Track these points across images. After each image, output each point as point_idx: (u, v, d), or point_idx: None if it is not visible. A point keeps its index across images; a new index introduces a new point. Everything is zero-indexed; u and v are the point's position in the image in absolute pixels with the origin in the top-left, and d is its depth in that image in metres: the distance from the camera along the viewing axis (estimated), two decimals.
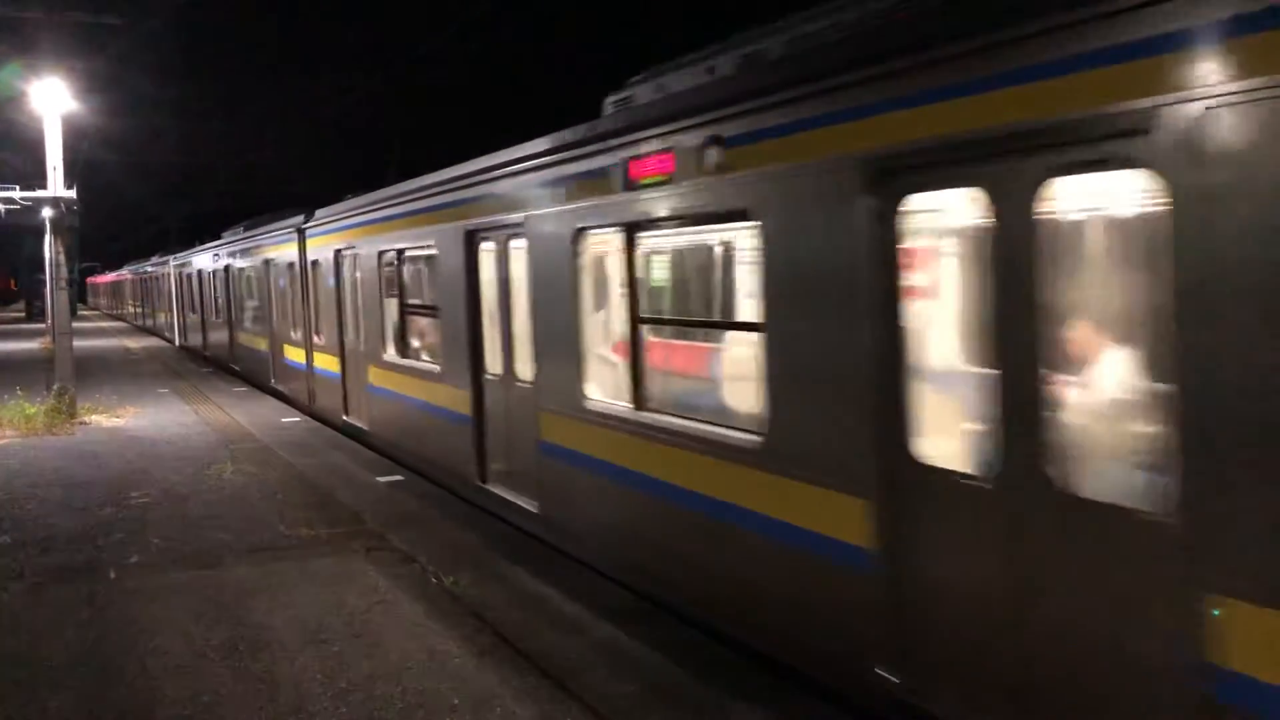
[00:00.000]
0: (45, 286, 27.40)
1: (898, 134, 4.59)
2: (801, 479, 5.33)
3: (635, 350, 6.98)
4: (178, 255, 33.01)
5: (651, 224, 6.69)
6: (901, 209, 4.67)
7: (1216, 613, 3.39)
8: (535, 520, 8.50)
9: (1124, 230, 4.27)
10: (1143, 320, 3.97)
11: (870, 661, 4.88)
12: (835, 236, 4.99)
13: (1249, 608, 3.30)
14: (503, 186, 8.64)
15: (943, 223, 4.87)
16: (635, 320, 6.97)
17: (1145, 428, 3.82)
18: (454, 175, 9.75)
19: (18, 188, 17.89)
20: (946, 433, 4.70)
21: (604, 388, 7.58)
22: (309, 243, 16.05)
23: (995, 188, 4.19)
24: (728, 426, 6.14)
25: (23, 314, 64.15)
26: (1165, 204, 3.51)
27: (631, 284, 6.95)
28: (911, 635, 4.69)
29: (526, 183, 8.19)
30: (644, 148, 6.50)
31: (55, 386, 16.62)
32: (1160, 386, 3.65)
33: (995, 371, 4.26)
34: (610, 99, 7.62)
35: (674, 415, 6.68)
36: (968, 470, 4.44)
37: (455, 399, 9.93)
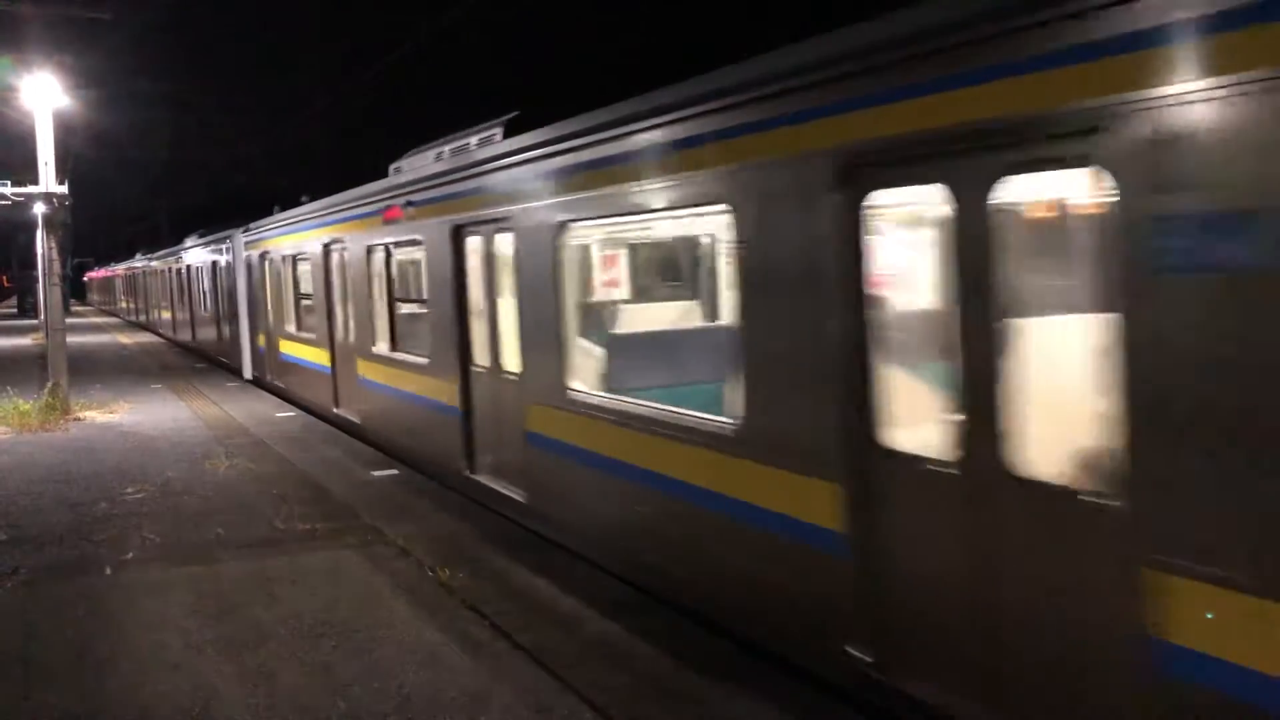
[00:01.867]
0: (38, 282, 27.31)
1: None
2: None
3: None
4: (191, 244, 30.48)
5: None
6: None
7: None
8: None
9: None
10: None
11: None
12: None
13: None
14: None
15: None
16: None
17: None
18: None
19: (9, 183, 17.85)
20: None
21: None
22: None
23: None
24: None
25: (15, 310, 64.00)
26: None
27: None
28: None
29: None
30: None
31: (49, 383, 16.59)
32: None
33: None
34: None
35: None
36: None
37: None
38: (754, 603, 5.81)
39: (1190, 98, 3.37)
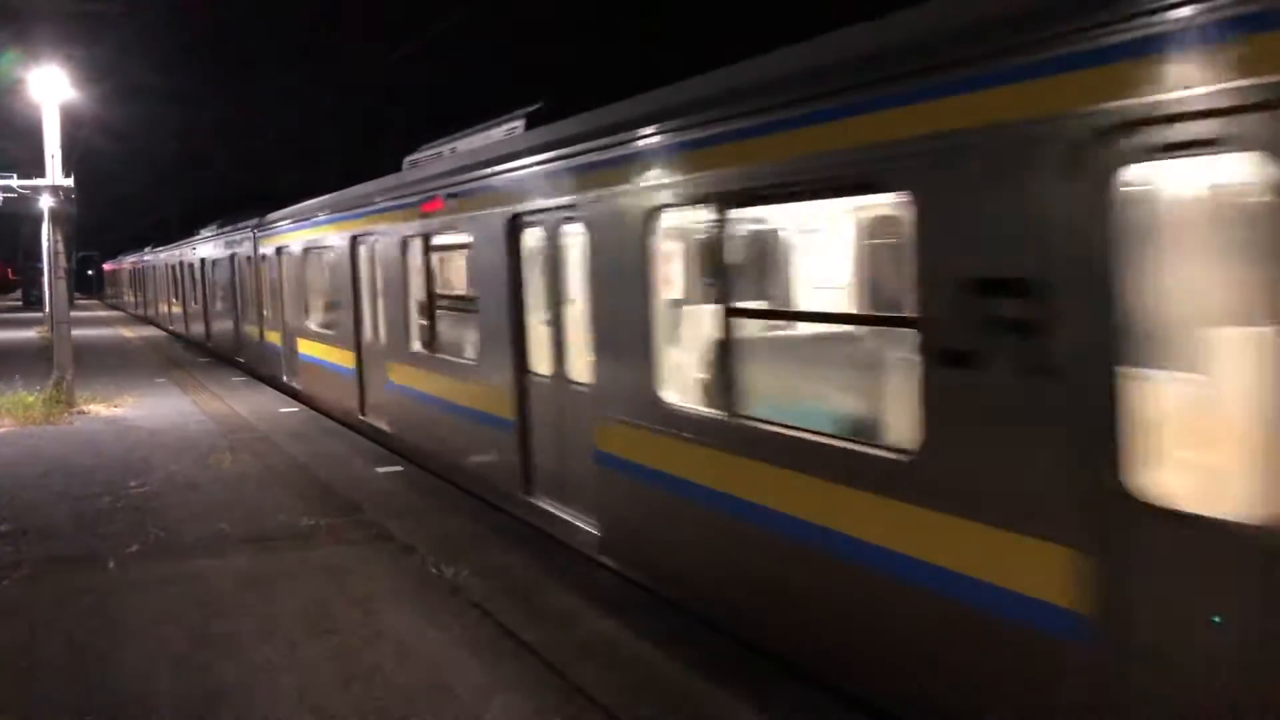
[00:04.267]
0: (43, 275, 27.35)
1: None
2: None
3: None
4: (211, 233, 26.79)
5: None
6: None
7: None
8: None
9: None
10: None
11: None
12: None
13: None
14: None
15: None
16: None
17: None
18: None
19: (15, 175, 17.87)
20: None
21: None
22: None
23: None
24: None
25: (20, 302, 64.09)
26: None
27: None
28: None
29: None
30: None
31: (54, 376, 16.60)
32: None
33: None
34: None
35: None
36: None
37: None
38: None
39: None
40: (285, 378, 18.31)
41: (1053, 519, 3.91)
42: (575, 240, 7.66)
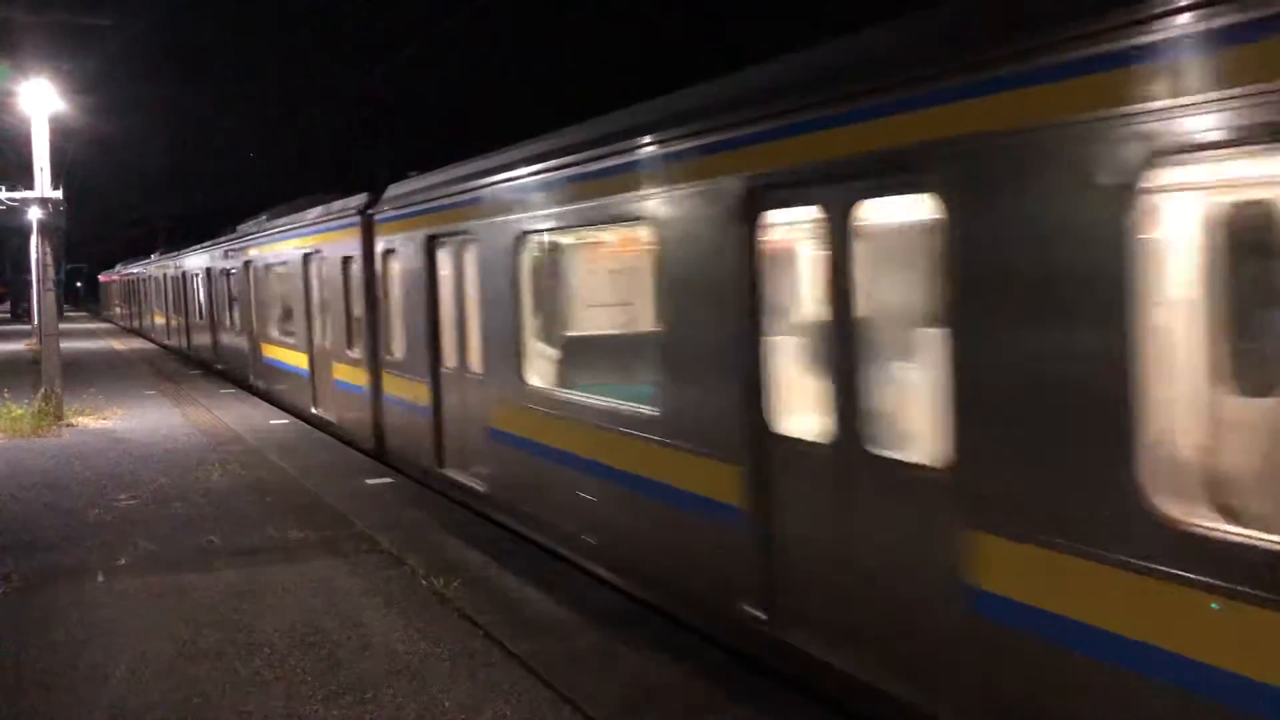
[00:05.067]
0: (32, 287, 27.27)
1: None
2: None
3: None
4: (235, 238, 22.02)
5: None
6: None
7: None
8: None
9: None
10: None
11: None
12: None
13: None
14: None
15: None
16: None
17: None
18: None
19: (3, 188, 17.85)
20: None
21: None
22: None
23: None
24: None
25: (8, 315, 63.89)
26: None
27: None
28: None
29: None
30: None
31: (42, 389, 16.56)
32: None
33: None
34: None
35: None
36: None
37: None
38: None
39: None
40: (314, 409, 15.67)
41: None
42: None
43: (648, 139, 6.59)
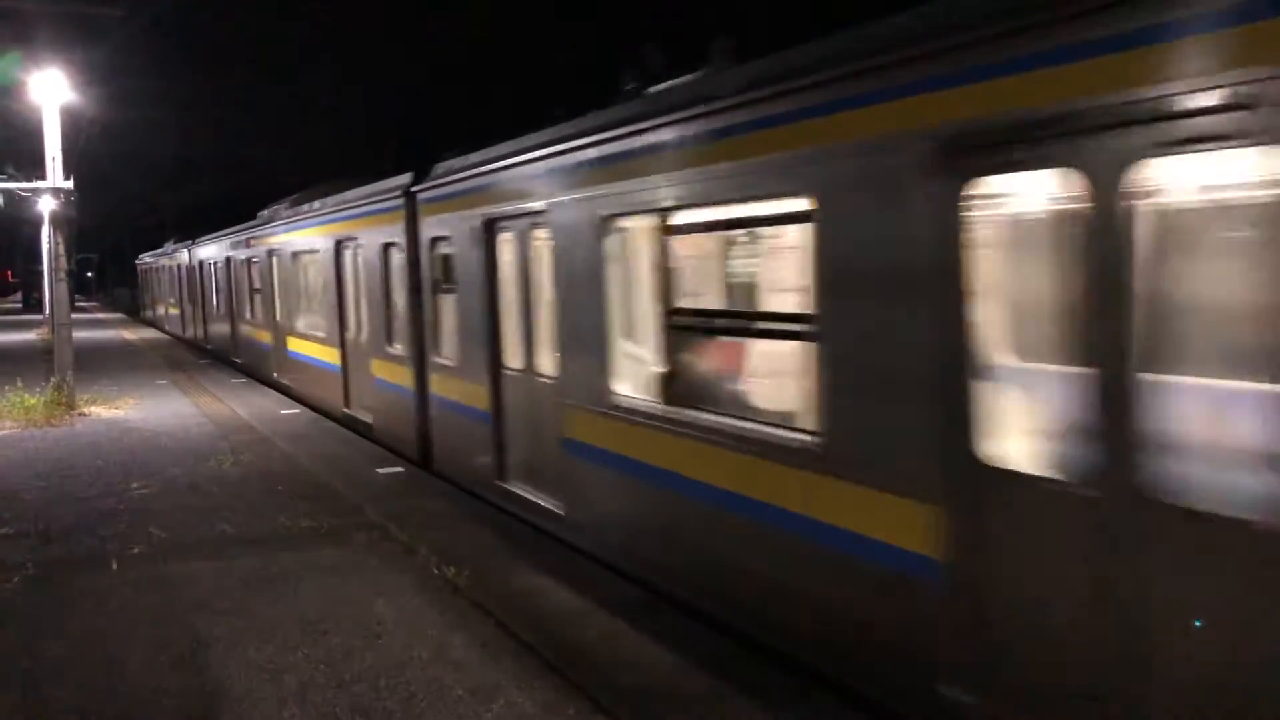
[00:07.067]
0: (43, 278, 27.38)
1: None
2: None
3: None
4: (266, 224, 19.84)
5: None
6: None
7: None
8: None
9: None
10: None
11: None
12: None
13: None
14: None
15: None
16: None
17: None
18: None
19: (15, 175, 17.90)
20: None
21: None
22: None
23: None
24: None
25: (20, 305, 64.17)
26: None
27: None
28: None
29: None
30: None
31: (54, 378, 16.63)
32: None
33: None
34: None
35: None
36: None
37: None
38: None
39: None
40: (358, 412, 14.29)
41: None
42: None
43: (830, 74, 5.05)
